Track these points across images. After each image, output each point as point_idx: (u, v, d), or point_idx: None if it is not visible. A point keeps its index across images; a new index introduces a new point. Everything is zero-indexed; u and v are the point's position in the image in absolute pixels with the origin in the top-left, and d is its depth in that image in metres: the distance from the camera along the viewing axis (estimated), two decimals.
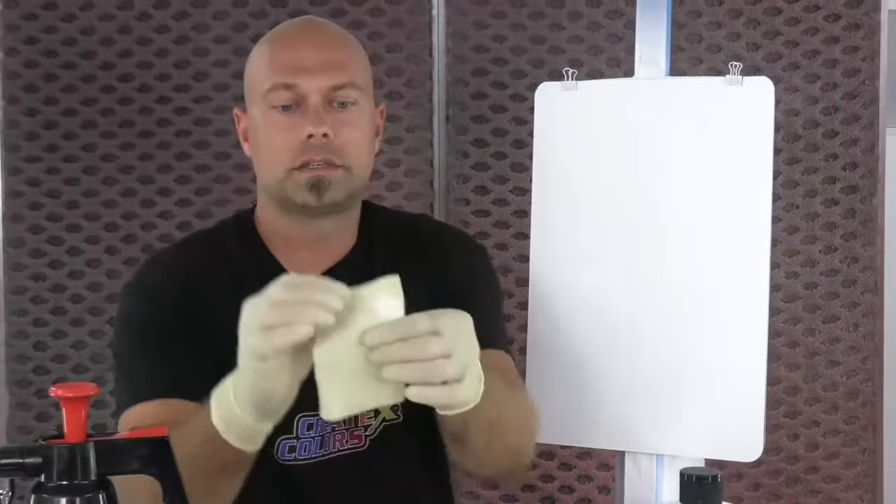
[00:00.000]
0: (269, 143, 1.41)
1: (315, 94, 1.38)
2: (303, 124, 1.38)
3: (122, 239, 2.30)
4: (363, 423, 1.44)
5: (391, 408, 1.45)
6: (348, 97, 1.40)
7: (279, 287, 1.10)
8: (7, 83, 2.27)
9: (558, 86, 1.67)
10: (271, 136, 1.40)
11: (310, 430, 1.42)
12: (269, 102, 1.40)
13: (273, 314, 1.09)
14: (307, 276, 1.15)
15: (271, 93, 1.39)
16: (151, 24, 2.27)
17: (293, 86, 1.38)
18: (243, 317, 1.13)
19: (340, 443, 1.44)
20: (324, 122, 1.37)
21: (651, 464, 1.62)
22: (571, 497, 2.29)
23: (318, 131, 1.37)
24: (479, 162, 2.29)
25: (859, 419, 2.23)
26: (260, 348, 1.10)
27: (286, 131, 1.39)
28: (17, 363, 2.29)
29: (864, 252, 2.21)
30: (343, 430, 1.43)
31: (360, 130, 1.42)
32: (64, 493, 0.93)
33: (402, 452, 1.47)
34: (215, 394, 1.19)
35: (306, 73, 1.38)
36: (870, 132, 2.19)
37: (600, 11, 2.25)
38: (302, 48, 1.41)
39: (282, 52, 1.42)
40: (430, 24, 2.27)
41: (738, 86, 1.57)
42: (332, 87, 1.39)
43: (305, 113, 1.38)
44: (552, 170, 1.67)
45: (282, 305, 1.09)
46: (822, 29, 2.19)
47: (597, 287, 1.63)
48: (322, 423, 1.41)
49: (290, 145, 1.38)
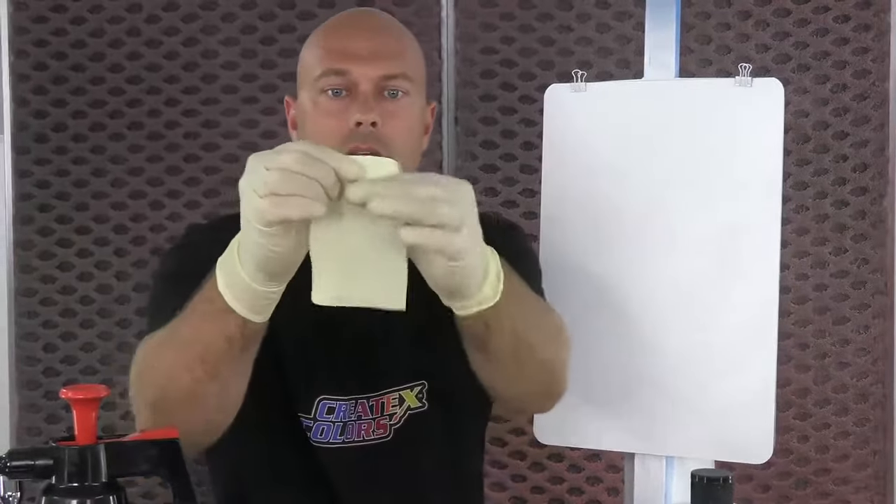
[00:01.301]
0: (316, 128, 1.39)
1: (366, 81, 1.37)
2: (351, 111, 1.36)
3: (130, 241, 2.30)
4: (388, 411, 1.43)
5: (416, 396, 1.44)
6: (399, 87, 1.39)
7: (294, 155, 1.06)
8: (16, 85, 2.27)
9: (567, 87, 1.67)
10: (319, 120, 1.39)
11: (330, 413, 1.41)
12: (319, 87, 1.39)
13: (285, 183, 1.05)
14: (321, 146, 1.10)
15: (322, 78, 1.39)
16: (160, 26, 2.28)
17: (344, 72, 1.38)
18: (248, 170, 1.09)
19: (366, 433, 1.42)
20: (372, 110, 1.36)
21: (660, 466, 1.62)
22: (580, 499, 2.29)
23: (366, 118, 1.35)
24: (487, 164, 2.28)
25: (870, 421, 2.22)
26: (267, 215, 1.06)
27: (334, 117, 1.38)
28: (27, 365, 2.29)
29: (874, 253, 2.20)
30: (369, 420, 1.42)
31: (408, 122, 1.41)
32: (74, 494, 0.93)
33: (427, 443, 1.46)
34: (220, 262, 1.16)
35: (358, 61, 1.38)
36: (880, 133, 2.18)
37: (609, 13, 2.24)
38: (355, 36, 1.40)
39: (335, 39, 1.42)
40: (439, 25, 2.27)
41: (748, 87, 1.57)
42: (384, 77, 1.38)
43: (355, 100, 1.37)
44: (561, 172, 1.67)
45: (295, 177, 1.05)
46: (832, 30, 2.19)
47: (605, 289, 1.63)
48: (345, 410, 1.41)
49: (338, 131, 1.36)
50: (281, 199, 1.05)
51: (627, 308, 1.61)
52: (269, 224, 1.06)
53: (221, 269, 1.15)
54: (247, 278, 1.12)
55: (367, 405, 1.42)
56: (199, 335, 1.17)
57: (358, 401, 1.42)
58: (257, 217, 1.07)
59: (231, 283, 1.14)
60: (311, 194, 1.05)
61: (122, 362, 2.28)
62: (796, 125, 2.19)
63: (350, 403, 1.41)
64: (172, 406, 1.19)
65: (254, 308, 1.15)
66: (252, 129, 2.28)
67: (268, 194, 1.05)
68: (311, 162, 1.05)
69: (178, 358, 1.19)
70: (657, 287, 1.60)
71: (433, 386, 1.45)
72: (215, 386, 1.21)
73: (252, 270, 1.12)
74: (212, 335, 1.17)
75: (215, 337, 1.17)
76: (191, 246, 1.45)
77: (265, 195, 1.05)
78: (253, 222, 1.08)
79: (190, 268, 1.35)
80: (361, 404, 1.42)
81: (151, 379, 1.23)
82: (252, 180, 1.08)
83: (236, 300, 1.14)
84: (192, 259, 1.38)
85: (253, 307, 1.15)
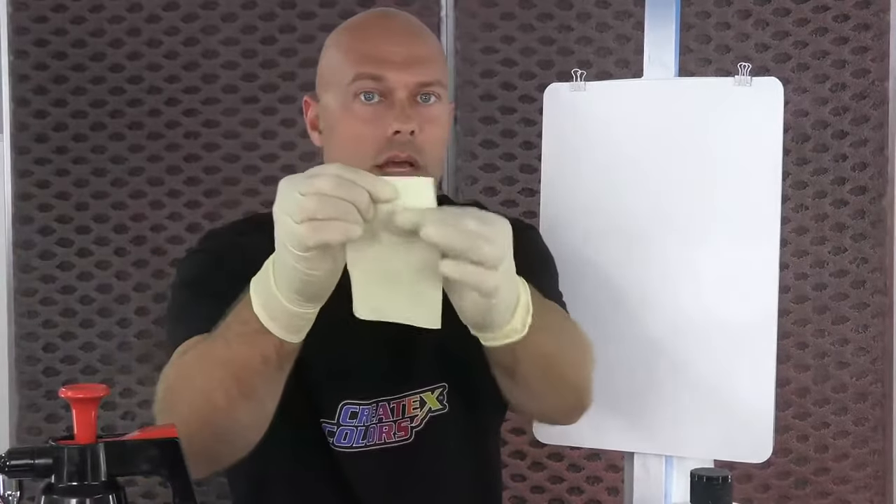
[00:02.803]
0: (351, 134, 1.37)
1: (402, 89, 1.35)
2: (388, 119, 1.34)
3: (131, 240, 2.30)
4: (409, 413, 1.43)
5: (437, 398, 1.43)
6: (434, 93, 1.38)
7: (329, 179, 1.05)
8: (16, 85, 2.27)
9: (567, 87, 1.67)
10: (354, 127, 1.36)
11: (353, 418, 1.40)
12: (352, 91, 1.36)
13: (323, 208, 1.05)
14: (353, 168, 1.09)
15: (356, 81, 1.35)
16: (160, 25, 2.28)
17: (381, 77, 1.35)
18: (281, 195, 1.08)
19: (387, 435, 1.42)
20: (411, 119, 1.34)
21: (660, 465, 1.62)
22: (580, 498, 2.29)
23: (405, 128, 1.33)
24: (487, 163, 2.29)
25: (869, 420, 2.22)
26: (306, 241, 1.05)
27: (370, 124, 1.35)
28: (27, 364, 2.29)
29: (873, 253, 2.20)
30: (391, 423, 1.42)
31: (441, 128, 1.39)
32: (74, 494, 0.93)
33: (450, 446, 1.45)
34: (254, 283, 1.15)
35: (394, 66, 1.35)
36: (879, 133, 2.19)
37: (609, 12, 2.24)
38: (388, 40, 1.38)
39: (367, 42, 1.38)
40: (439, 25, 2.27)
41: (747, 86, 1.57)
42: (420, 84, 1.36)
43: (391, 107, 1.35)
44: (561, 171, 1.67)
45: (331, 201, 1.05)
46: (832, 29, 2.19)
47: (604, 288, 1.63)
48: (368, 413, 1.40)
49: (375, 139, 1.34)
50: (319, 224, 1.05)
51: (627, 307, 1.61)
52: (307, 249, 1.06)
53: (256, 290, 1.15)
54: (283, 300, 1.12)
55: (388, 408, 1.42)
56: (234, 355, 1.17)
57: (379, 403, 1.41)
58: (295, 242, 1.07)
59: (266, 305, 1.14)
60: (349, 218, 1.05)
61: (122, 362, 2.28)
62: (796, 124, 2.19)
63: (372, 407, 1.41)
64: (207, 424, 1.18)
65: (289, 328, 1.15)
66: (252, 128, 2.29)
67: (305, 220, 1.05)
68: (346, 185, 1.05)
69: (214, 377, 1.18)
70: (656, 286, 1.60)
71: (454, 388, 1.44)
72: (250, 405, 1.21)
73: (288, 292, 1.12)
74: (247, 355, 1.16)
75: (251, 357, 1.16)
76: (211, 252, 1.44)
77: (302, 220, 1.05)
78: (289, 247, 1.07)
79: (211, 274, 1.36)
80: (382, 407, 1.41)
81: (185, 396, 1.22)
82: (286, 206, 1.07)
83: (272, 321, 1.14)
84: (213, 265, 1.39)
85: (289, 328, 1.15)
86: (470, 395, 1.45)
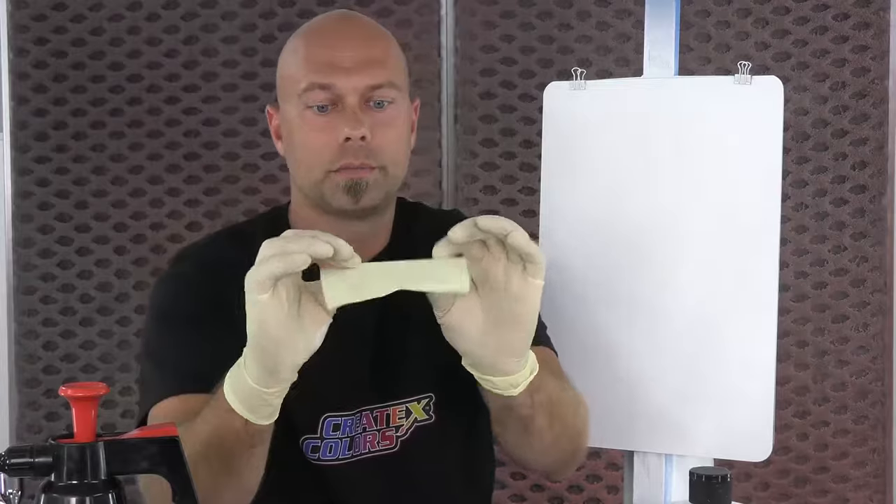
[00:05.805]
0: (305, 144, 1.37)
1: (352, 94, 1.34)
2: (340, 126, 1.34)
3: (131, 239, 2.30)
4: (394, 423, 1.42)
5: (423, 408, 1.43)
6: (386, 96, 1.37)
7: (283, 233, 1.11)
8: (16, 84, 2.28)
9: (567, 85, 1.67)
10: (308, 136, 1.36)
11: (336, 430, 1.40)
12: (304, 102, 1.36)
13: (270, 247, 1.09)
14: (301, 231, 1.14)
15: (307, 92, 1.35)
16: (160, 24, 2.28)
17: (329, 86, 1.34)
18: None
19: (371, 444, 1.41)
20: (361, 124, 1.33)
21: (660, 463, 1.62)
22: (580, 496, 2.29)
23: (355, 134, 1.33)
24: (487, 162, 2.29)
25: (868, 419, 2.23)
26: (256, 276, 1.09)
27: (322, 132, 1.35)
28: (27, 363, 2.30)
29: (873, 251, 2.21)
30: (374, 431, 1.41)
31: (396, 130, 1.38)
32: (74, 492, 0.93)
33: (435, 455, 1.44)
34: (231, 369, 1.18)
35: (343, 73, 1.34)
36: (879, 131, 2.19)
37: (609, 11, 2.24)
38: (338, 45, 1.37)
39: (317, 49, 1.38)
40: (439, 23, 2.28)
41: (747, 85, 1.56)
42: (370, 87, 1.35)
43: (342, 113, 1.35)
44: (561, 170, 1.67)
45: (280, 239, 1.10)
46: (831, 28, 2.19)
47: (604, 286, 1.63)
48: (351, 424, 1.40)
49: (328, 147, 1.34)
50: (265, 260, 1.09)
51: (627, 306, 1.61)
52: (261, 287, 1.09)
53: (230, 374, 1.18)
54: (248, 378, 1.15)
55: (371, 416, 1.41)
56: (213, 430, 1.19)
57: (362, 413, 1.40)
58: (251, 287, 1.10)
59: (234, 385, 1.17)
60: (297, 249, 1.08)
61: (122, 360, 2.28)
62: (796, 123, 2.19)
63: (355, 417, 1.40)
64: None
65: (253, 410, 1.17)
66: (252, 126, 2.29)
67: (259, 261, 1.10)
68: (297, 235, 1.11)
69: (197, 451, 1.18)
70: (656, 284, 1.60)
71: (441, 399, 1.43)
72: (233, 479, 1.23)
73: (253, 368, 1.15)
74: (222, 432, 1.19)
75: (225, 434, 1.19)
76: (181, 277, 1.44)
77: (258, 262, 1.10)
78: (251, 297, 1.10)
79: (182, 306, 1.38)
80: (366, 416, 1.40)
81: None
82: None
83: (239, 402, 1.17)
84: (184, 294, 1.40)
85: (252, 409, 1.17)
86: (457, 406, 1.44)
